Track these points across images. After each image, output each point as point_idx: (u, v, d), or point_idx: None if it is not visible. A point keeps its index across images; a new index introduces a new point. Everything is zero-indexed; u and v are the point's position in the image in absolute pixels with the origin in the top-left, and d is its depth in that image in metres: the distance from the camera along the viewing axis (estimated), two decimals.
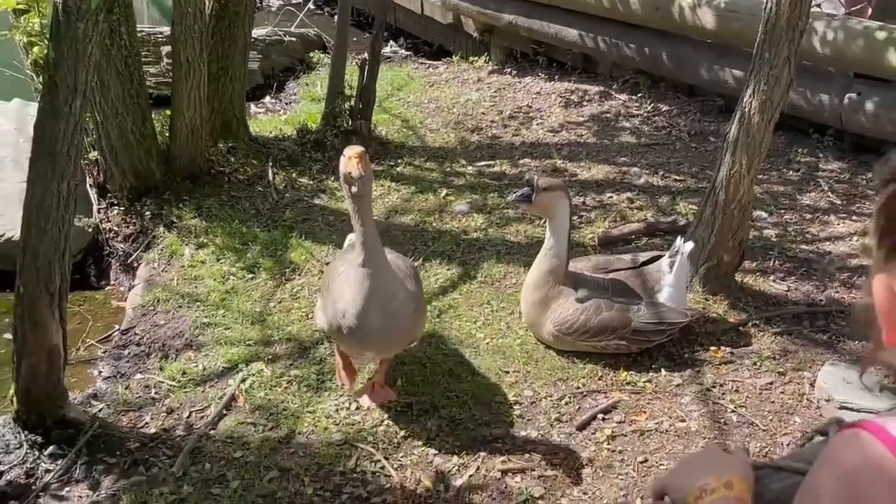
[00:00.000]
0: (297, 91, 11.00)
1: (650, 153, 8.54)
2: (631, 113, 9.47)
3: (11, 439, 5.20)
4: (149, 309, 6.44)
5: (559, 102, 9.74)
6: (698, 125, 9.13)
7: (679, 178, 7.99)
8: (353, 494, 4.56)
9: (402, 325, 4.64)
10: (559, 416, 5.08)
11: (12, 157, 7.65)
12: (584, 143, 8.78)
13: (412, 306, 4.65)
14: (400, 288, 4.59)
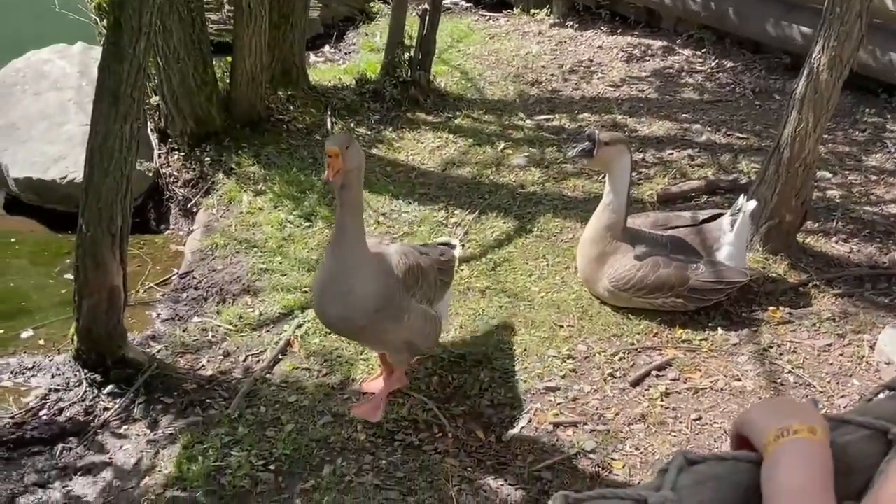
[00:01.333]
0: (356, 41, 10.96)
1: (713, 110, 8.40)
2: (694, 69, 9.32)
3: (71, 377, 5.31)
4: (207, 254, 6.51)
5: (621, 57, 9.60)
6: (763, 82, 8.95)
7: (742, 135, 7.85)
8: (405, 442, 4.60)
9: (359, 319, 4.24)
10: (613, 371, 5.06)
11: (75, 100, 7.73)
12: (645, 98, 8.66)
13: (372, 303, 4.20)
14: (364, 281, 4.19)
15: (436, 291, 4.69)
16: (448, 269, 4.86)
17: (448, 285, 4.88)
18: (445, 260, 4.86)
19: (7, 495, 4.66)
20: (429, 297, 4.62)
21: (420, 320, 4.51)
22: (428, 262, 4.65)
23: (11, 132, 7.61)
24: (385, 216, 6.70)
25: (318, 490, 4.28)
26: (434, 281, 4.66)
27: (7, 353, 5.76)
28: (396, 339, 4.50)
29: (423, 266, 4.57)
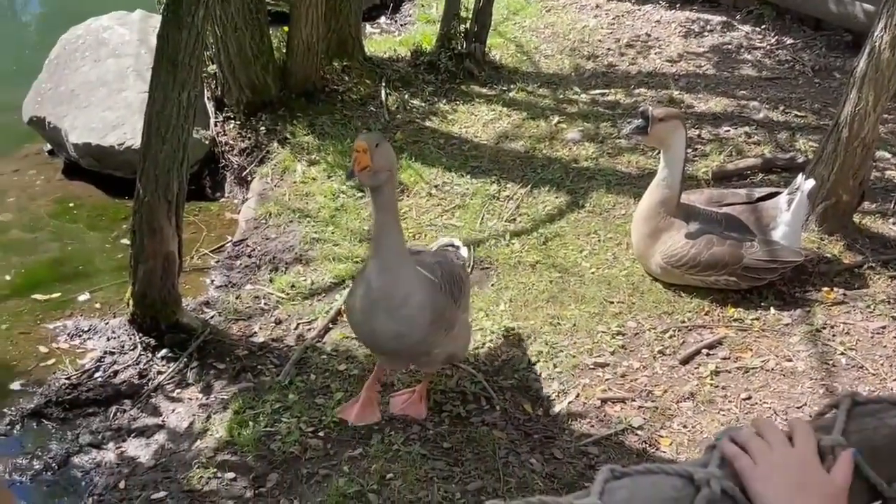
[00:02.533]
0: (412, 12, 10.94)
1: (771, 87, 8.29)
2: (753, 45, 9.18)
3: (126, 340, 5.41)
4: (261, 222, 6.58)
5: (679, 32, 9.48)
6: (823, 60, 8.80)
7: (800, 113, 7.74)
8: (453, 413, 4.63)
9: (415, 334, 4.02)
10: (662, 348, 5.04)
11: (134, 67, 7.81)
12: (702, 74, 8.56)
13: (429, 316, 4.00)
14: (416, 292, 3.97)
15: (467, 297, 4.52)
16: (464, 274, 4.61)
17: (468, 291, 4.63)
18: (463, 265, 4.68)
19: (62, 455, 4.78)
20: (465, 306, 4.46)
21: (465, 330, 4.41)
22: (456, 270, 4.41)
23: (72, 98, 7.72)
24: (437, 188, 6.72)
25: (365, 458, 4.33)
26: (461, 287, 4.40)
27: (64, 315, 5.88)
28: (442, 353, 4.30)
29: (455, 274, 4.34)
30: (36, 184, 7.63)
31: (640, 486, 1.42)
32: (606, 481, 1.42)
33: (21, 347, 5.63)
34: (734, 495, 1.41)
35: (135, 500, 4.29)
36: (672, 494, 1.41)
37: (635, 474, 1.44)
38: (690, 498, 1.40)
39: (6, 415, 5.07)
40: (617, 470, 1.43)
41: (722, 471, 1.44)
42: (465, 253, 4.91)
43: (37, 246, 6.78)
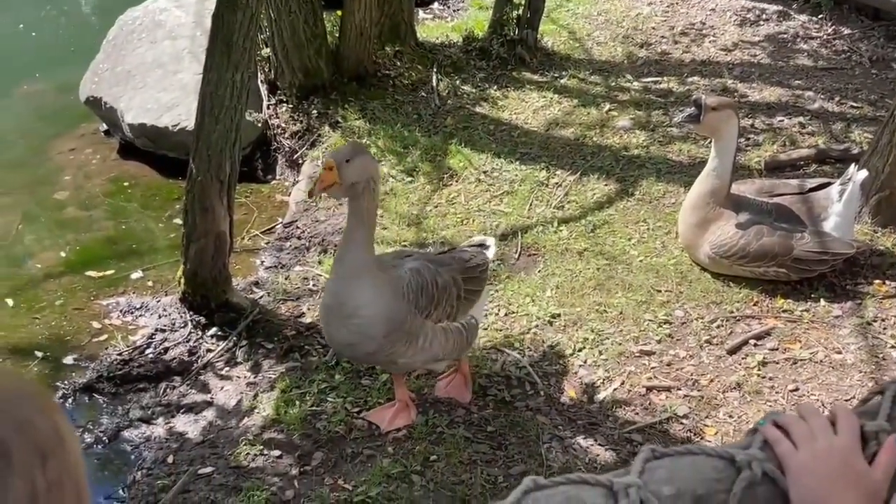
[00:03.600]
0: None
1: (827, 77, 8.17)
2: (810, 35, 9.05)
3: (177, 318, 5.49)
4: (311, 204, 6.63)
5: (734, 20, 9.37)
6: (881, 51, 8.65)
7: (856, 104, 7.63)
8: (497, 397, 4.65)
9: (366, 345, 4.01)
10: (710, 338, 5.02)
11: (189, 48, 7.90)
12: (757, 63, 8.45)
13: (381, 328, 3.95)
14: (368, 304, 3.93)
15: (459, 305, 4.31)
16: (477, 276, 4.45)
17: (478, 293, 4.47)
18: (472, 266, 4.44)
19: (113, 429, 4.87)
20: (449, 314, 4.26)
21: (440, 339, 4.20)
22: (446, 278, 4.24)
23: (128, 79, 7.83)
24: (486, 174, 6.72)
25: (410, 439, 4.37)
26: (457, 295, 4.27)
27: (117, 292, 5.98)
28: (413, 363, 4.26)
29: (439, 283, 4.18)
30: (92, 163, 7.76)
31: (680, 467, 1.42)
32: (647, 461, 1.42)
33: (75, 323, 5.74)
34: (775, 478, 1.41)
35: (182, 474, 4.37)
36: (712, 475, 1.41)
37: (675, 455, 1.44)
38: (731, 480, 1.40)
39: (59, 388, 5.18)
40: (657, 450, 1.44)
41: (764, 454, 1.44)
42: (491, 253, 4.73)
43: (92, 224, 6.90)
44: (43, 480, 1.05)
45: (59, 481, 1.07)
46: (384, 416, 4.51)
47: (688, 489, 1.39)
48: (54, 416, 1.13)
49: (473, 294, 4.41)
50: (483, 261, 4.55)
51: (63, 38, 10.44)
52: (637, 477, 1.38)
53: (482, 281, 4.50)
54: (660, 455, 1.44)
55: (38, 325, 5.73)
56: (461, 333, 4.32)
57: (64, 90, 8.73)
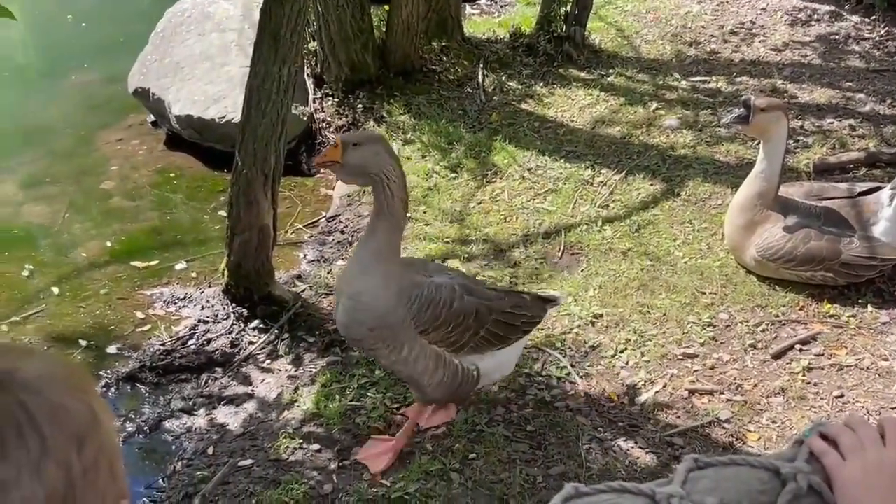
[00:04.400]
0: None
1: (879, 80, 8.03)
2: (862, 36, 8.91)
3: (220, 310, 5.52)
4: (354, 199, 6.64)
5: (785, 20, 9.26)
6: None
7: None
8: (537, 397, 4.62)
9: (352, 331, 3.97)
10: (754, 342, 4.95)
11: (237, 41, 7.94)
12: (807, 64, 8.34)
13: (368, 321, 3.87)
14: (366, 293, 3.86)
15: (472, 341, 4.06)
16: (514, 324, 4.17)
17: (504, 340, 4.17)
18: (514, 313, 4.17)
19: (154, 419, 4.91)
20: (453, 343, 4.03)
21: (428, 362, 3.99)
22: (467, 306, 4.00)
23: (176, 71, 7.88)
24: (530, 172, 6.69)
25: (448, 437, 4.35)
26: (474, 329, 4.04)
27: (161, 283, 6.03)
28: (395, 369, 4.12)
29: (454, 306, 3.97)
30: (139, 153, 7.82)
31: (724, 477, 1.40)
32: (690, 470, 1.40)
33: (119, 312, 5.79)
34: (821, 492, 1.38)
35: (222, 466, 4.39)
36: (757, 487, 1.39)
37: (719, 465, 1.42)
38: (776, 492, 1.37)
39: (102, 377, 5.22)
40: (701, 459, 1.42)
41: (810, 466, 1.41)
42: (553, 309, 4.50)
43: (137, 214, 6.95)
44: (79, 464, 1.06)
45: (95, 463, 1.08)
46: (375, 446, 4.36)
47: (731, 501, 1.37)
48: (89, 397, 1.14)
49: (497, 339, 4.13)
50: (533, 314, 4.27)
51: (112, 30, 10.54)
52: (680, 487, 1.36)
53: (517, 331, 4.21)
54: (703, 465, 1.41)
55: (83, 314, 5.79)
56: (456, 374, 4.08)
57: (112, 81, 8.82)
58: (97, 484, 1.08)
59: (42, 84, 9.42)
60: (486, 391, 4.64)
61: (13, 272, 6.25)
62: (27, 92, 9.28)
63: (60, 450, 1.04)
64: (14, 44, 10.91)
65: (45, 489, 1.02)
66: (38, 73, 9.96)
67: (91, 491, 1.07)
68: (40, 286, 6.09)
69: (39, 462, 1.02)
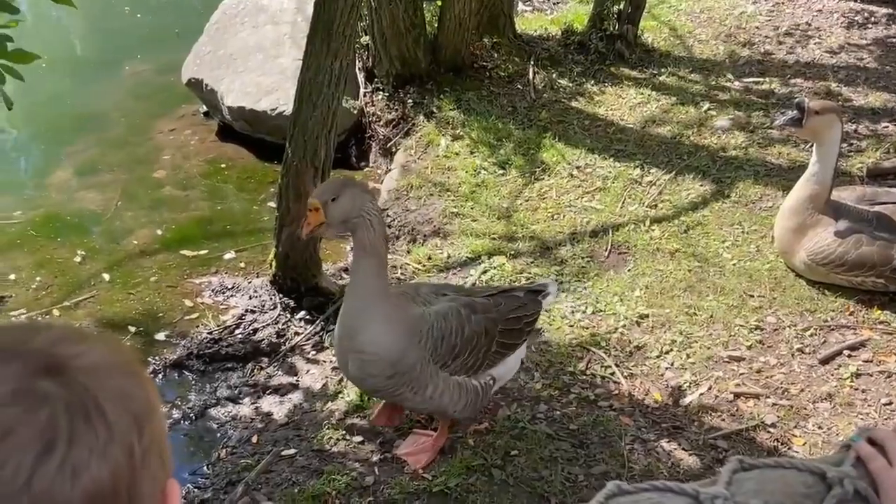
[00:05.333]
0: None
1: None
2: None
3: (267, 300, 5.57)
4: (402, 193, 6.66)
5: (841, 23, 9.14)
6: None
7: None
8: (581, 395, 4.61)
9: (369, 382, 3.87)
10: (802, 346, 4.90)
11: (290, 34, 7.99)
12: (863, 67, 8.22)
13: (386, 370, 3.74)
14: (374, 342, 3.73)
15: (486, 359, 4.04)
16: (518, 328, 4.14)
17: (514, 347, 4.16)
18: (516, 317, 4.12)
19: (200, 406, 4.97)
20: (471, 367, 3.99)
21: (452, 393, 3.94)
22: (477, 327, 3.94)
23: (229, 62, 7.96)
24: (579, 170, 6.67)
25: (491, 432, 4.36)
26: (487, 348, 4.00)
27: (210, 272, 6.10)
28: (420, 407, 4.09)
29: (466, 332, 3.90)
30: (190, 143, 7.91)
31: (769, 480, 1.39)
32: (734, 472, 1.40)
33: (168, 300, 5.87)
34: (867, 497, 1.37)
35: (266, 454, 4.43)
36: (801, 490, 1.38)
37: (764, 467, 1.41)
38: (821, 496, 1.36)
39: (150, 364, 5.30)
40: (746, 461, 1.41)
41: (856, 470, 1.40)
42: (548, 301, 4.40)
43: (188, 204, 7.04)
44: (139, 448, 1.08)
45: (150, 447, 1.10)
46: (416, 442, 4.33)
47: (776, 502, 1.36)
48: (146, 384, 1.16)
49: (507, 347, 4.11)
50: (532, 311, 4.23)
51: (167, 20, 10.67)
52: (724, 488, 1.36)
53: (522, 334, 4.18)
54: (748, 467, 1.41)
55: (133, 301, 5.88)
56: (477, 394, 4.03)
57: (166, 71, 8.93)
58: (151, 467, 1.11)
59: (98, 73, 9.57)
60: (529, 388, 4.64)
61: (66, 258, 6.37)
62: (83, 80, 9.43)
63: (124, 434, 1.07)
64: (72, 32, 11.09)
65: (111, 472, 1.04)
66: (94, 61, 10.11)
67: (147, 474, 1.10)
68: (92, 272, 6.20)
69: (106, 446, 1.04)
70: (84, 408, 1.04)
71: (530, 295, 4.28)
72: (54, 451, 1.01)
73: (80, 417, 1.04)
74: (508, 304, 4.13)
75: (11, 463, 0.99)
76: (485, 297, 4.14)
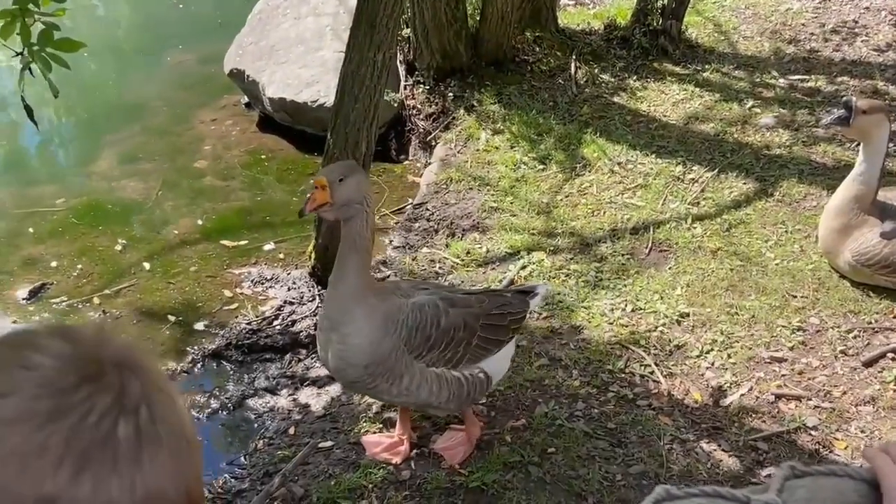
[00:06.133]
0: None
1: None
2: None
3: (306, 292, 5.59)
4: (441, 187, 6.64)
5: (889, 20, 8.99)
6: None
7: None
8: (619, 394, 4.57)
9: (349, 374, 3.80)
10: (845, 348, 4.83)
11: (332, 26, 8.00)
12: None
13: (363, 359, 3.71)
14: (355, 334, 3.71)
15: (467, 352, 3.95)
16: (502, 325, 4.05)
17: (497, 343, 4.06)
18: (498, 313, 4.04)
19: (238, 396, 4.99)
20: (450, 360, 3.91)
21: (431, 385, 3.87)
22: (455, 320, 3.89)
23: (271, 54, 7.98)
24: (620, 166, 6.62)
25: (528, 429, 4.34)
26: (466, 341, 3.92)
27: (249, 262, 6.12)
28: (403, 402, 4.04)
29: (442, 323, 3.85)
30: (231, 134, 7.95)
31: (822, 488, 1.36)
32: (786, 478, 1.37)
33: (207, 290, 5.90)
34: None
35: (303, 446, 4.43)
36: (854, 499, 1.35)
37: (817, 474, 1.38)
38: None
39: (189, 353, 5.33)
40: (798, 468, 1.38)
41: None
42: (536, 302, 4.31)
43: (228, 194, 7.07)
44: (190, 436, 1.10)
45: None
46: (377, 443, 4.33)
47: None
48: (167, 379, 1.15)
49: (491, 343, 4.02)
50: (518, 310, 4.14)
51: (210, 11, 10.72)
52: (776, 495, 1.33)
53: (507, 331, 4.09)
54: (800, 473, 1.38)
55: (173, 290, 5.91)
56: (461, 385, 3.95)
57: (208, 62, 8.97)
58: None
59: (141, 62, 9.64)
60: (567, 385, 4.61)
61: (107, 246, 6.42)
62: (126, 69, 9.50)
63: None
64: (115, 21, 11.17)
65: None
66: (137, 50, 10.18)
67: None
68: (132, 261, 6.24)
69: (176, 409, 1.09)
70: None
71: (518, 295, 4.22)
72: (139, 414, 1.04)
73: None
74: (493, 301, 4.07)
75: None
76: (467, 293, 4.12)
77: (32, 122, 4.45)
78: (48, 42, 3.87)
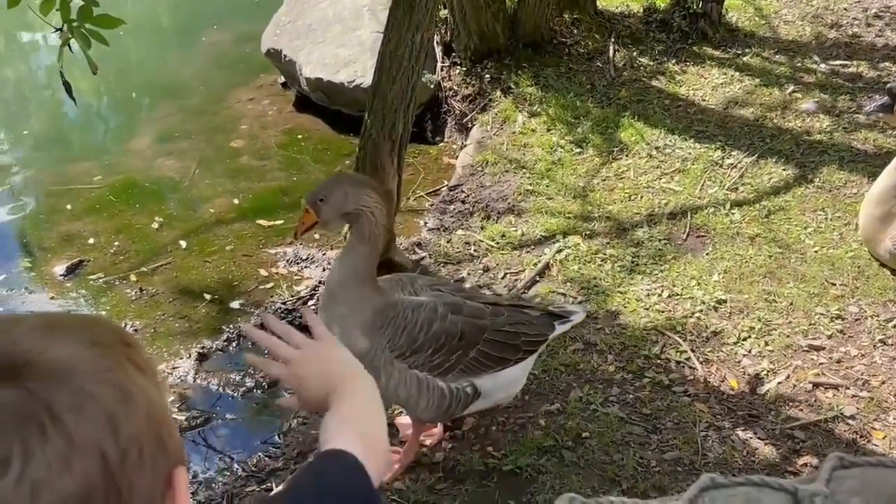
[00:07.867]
0: None
1: None
2: None
3: None
4: (477, 169, 6.62)
5: None
6: None
7: None
8: (655, 380, 4.54)
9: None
10: (884, 337, 4.77)
11: (370, 6, 7.97)
12: None
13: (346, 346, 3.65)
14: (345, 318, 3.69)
15: (459, 362, 3.76)
16: (509, 343, 3.81)
17: (501, 362, 3.82)
18: (509, 332, 3.81)
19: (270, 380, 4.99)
20: (435, 367, 3.75)
21: (410, 388, 3.75)
22: (449, 327, 3.72)
23: (308, 33, 7.97)
24: (658, 150, 6.56)
25: (562, 413, 4.32)
26: (463, 351, 3.75)
27: (285, 242, 6.13)
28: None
29: (433, 329, 3.70)
30: (268, 114, 7.96)
31: (871, 479, 1.34)
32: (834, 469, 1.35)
33: (243, 269, 5.92)
34: None
35: None
36: None
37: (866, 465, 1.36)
38: None
39: (224, 332, 5.35)
40: (846, 459, 1.36)
41: None
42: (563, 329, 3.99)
43: (265, 174, 7.08)
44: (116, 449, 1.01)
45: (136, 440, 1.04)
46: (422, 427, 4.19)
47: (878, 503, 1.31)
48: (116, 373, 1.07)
49: (492, 360, 3.81)
50: (536, 332, 3.88)
51: None
52: (824, 485, 1.31)
53: (516, 351, 3.84)
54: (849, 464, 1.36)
55: (209, 269, 5.94)
56: (443, 396, 3.78)
57: (244, 41, 8.99)
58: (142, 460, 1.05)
59: (178, 40, 9.67)
60: (602, 370, 4.59)
61: (144, 224, 6.45)
62: (163, 48, 9.54)
63: (91, 440, 1.00)
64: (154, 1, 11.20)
65: (80, 484, 0.98)
66: (174, 29, 10.22)
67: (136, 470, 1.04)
68: (169, 239, 6.27)
69: (68, 458, 0.97)
70: (38, 421, 0.98)
71: (546, 317, 3.96)
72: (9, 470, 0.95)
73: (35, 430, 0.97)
74: (510, 317, 3.86)
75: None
76: (485, 303, 3.91)
77: (71, 99, 4.46)
78: (87, 18, 3.88)
